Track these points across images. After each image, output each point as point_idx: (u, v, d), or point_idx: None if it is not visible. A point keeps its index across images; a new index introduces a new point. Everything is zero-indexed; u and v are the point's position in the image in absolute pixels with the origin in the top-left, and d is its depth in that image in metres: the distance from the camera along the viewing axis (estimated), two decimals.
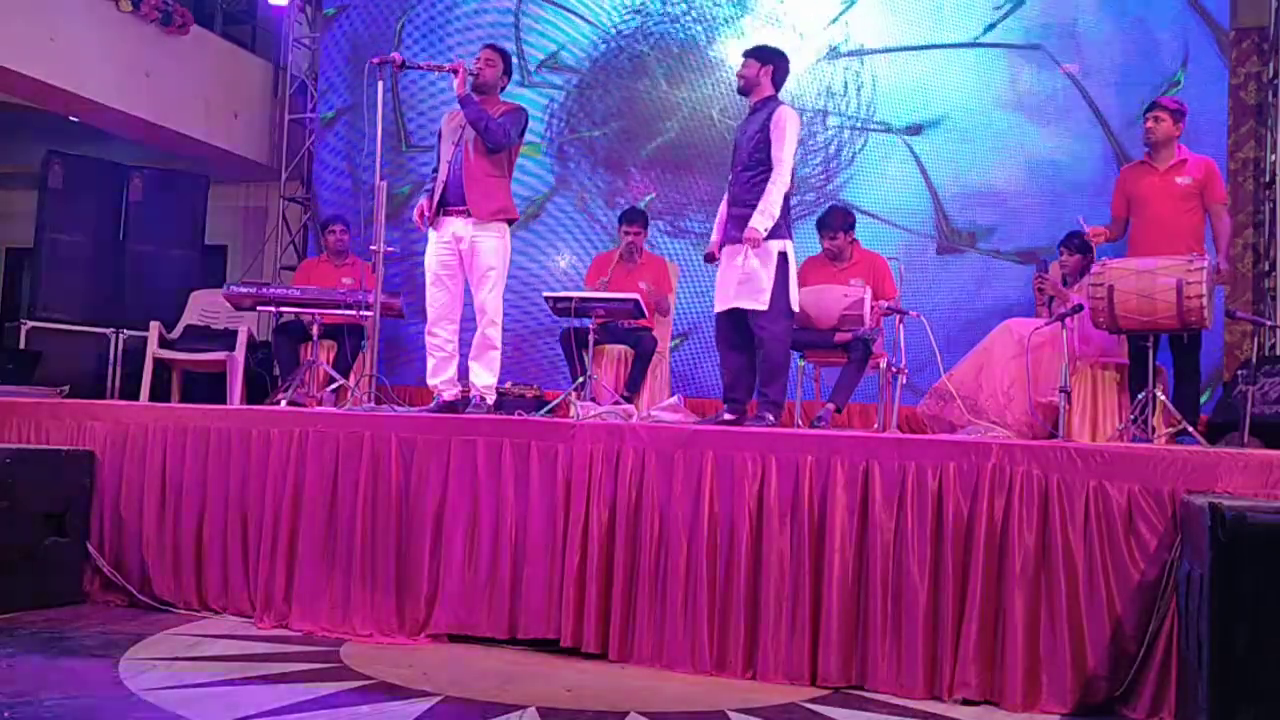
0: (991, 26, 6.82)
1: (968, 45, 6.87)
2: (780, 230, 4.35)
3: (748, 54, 4.56)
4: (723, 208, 4.60)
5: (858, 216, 5.59)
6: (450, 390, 4.72)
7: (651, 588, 3.42)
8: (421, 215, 4.72)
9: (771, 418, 4.26)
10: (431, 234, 4.74)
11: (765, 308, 4.29)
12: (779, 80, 4.53)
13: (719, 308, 4.49)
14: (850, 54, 7.09)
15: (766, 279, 4.30)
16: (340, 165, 8.56)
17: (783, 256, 4.35)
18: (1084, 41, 6.64)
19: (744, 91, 4.55)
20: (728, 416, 4.39)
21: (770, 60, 4.50)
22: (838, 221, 5.38)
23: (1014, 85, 6.73)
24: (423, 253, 4.81)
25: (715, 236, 4.62)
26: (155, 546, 4.07)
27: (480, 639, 3.59)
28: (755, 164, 4.37)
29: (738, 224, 4.37)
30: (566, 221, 7.60)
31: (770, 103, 4.46)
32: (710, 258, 4.64)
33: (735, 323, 4.43)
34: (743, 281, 4.32)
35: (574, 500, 3.56)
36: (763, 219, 4.26)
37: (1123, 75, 6.54)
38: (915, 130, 6.91)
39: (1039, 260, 5.62)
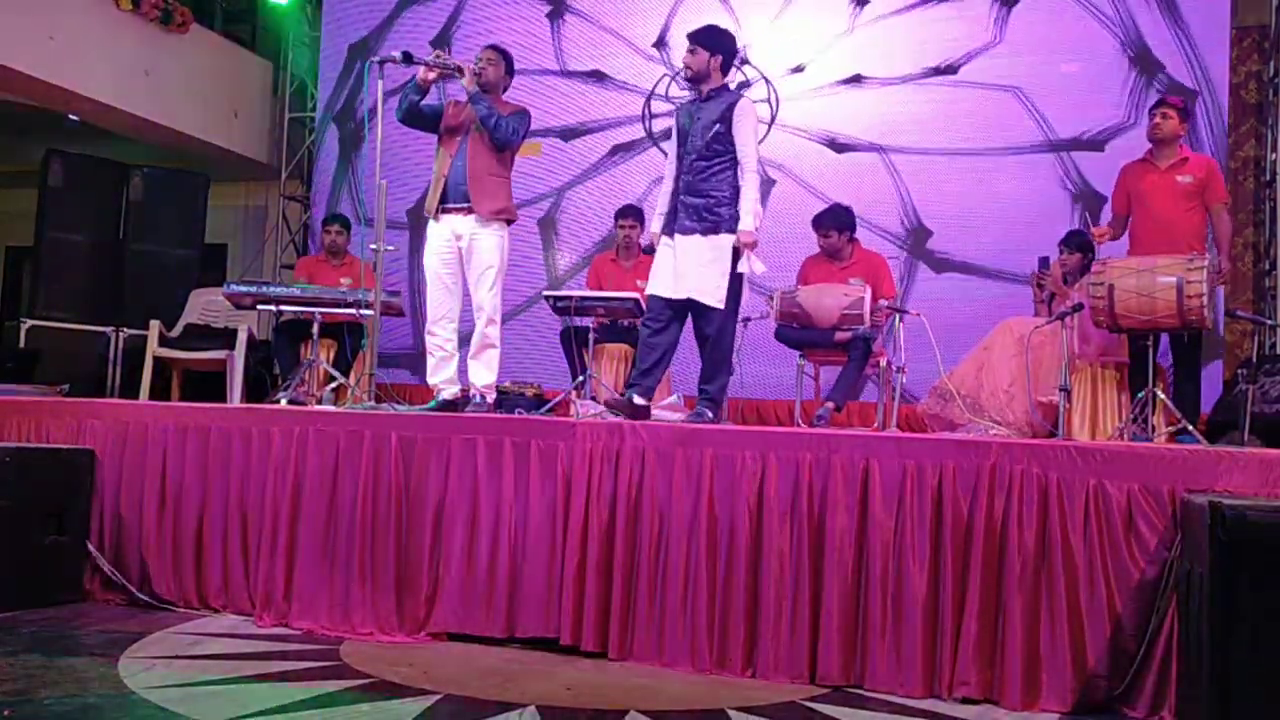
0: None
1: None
2: (734, 224, 4.24)
3: (694, 39, 4.38)
4: (665, 197, 4.43)
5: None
6: (450, 389, 4.72)
7: (651, 586, 3.42)
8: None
9: (711, 414, 4.20)
10: (430, 232, 4.73)
11: (722, 306, 4.22)
12: (727, 68, 4.42)
13: (661, 293, 4.30)
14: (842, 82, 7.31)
15: (722, 274, 4.22)
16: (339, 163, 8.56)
17: (736, 251, 4.25)
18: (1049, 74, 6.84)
19: (694, 81, 4.43)
20: (638, 400, 4.16)
21: (719, 49, 4.37)
22: (830, 220, 5.36)
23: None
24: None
25: (655, 226, 4.46)
26: (155, 545, 4.07)
27: (480, 638, 3.59)
28: (712, 154, 4.26)
29: (691, 213, 4.27)
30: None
31: (725, 93, 4.37)
32: (650, 248, 4.52)
33: (678, 306, 4.28)
34: (702, 274, 4.22)
35: (574, 499, 3.55)
36: (752, 219, 4.20)
37: (1078, 113, 6.71)
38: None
39: (1040, 257, 5.62)
